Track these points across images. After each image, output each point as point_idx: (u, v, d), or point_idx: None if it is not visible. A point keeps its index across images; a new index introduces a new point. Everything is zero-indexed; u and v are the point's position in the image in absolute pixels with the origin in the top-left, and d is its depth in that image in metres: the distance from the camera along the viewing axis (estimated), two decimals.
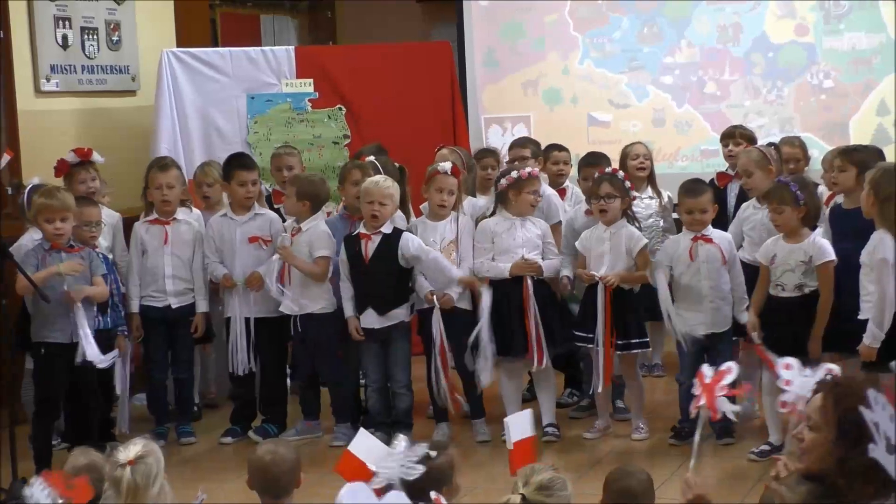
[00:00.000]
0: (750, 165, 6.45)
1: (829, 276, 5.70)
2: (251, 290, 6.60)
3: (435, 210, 6.45)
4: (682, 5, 9.63)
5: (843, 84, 9.30)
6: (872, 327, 5.27)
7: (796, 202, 5.73)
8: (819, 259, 5.71)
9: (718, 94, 9.58)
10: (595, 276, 6.15)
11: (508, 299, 6.29)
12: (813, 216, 5.83)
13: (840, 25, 9.29)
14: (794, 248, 5.77)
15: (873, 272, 5.31)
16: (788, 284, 5.78)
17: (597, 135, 9.65)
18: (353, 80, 8.60)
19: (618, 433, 6.42)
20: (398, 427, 6.38)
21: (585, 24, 9.83)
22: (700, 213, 6.10)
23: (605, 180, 6.30)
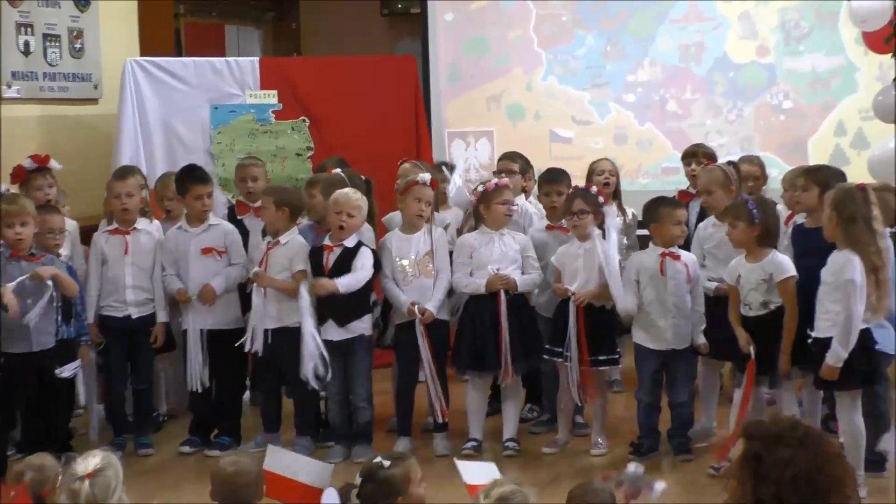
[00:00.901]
0: (711, 184, 6.50)
1: (790, 292, 5.74)
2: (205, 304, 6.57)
3: (413, 220, 6.45)
4: (645, 24, 9.71)
5: (802, 105, 9.41)
6: (837, 347, 5.30)
7: (751, 220, 5.78)
8: (779, 276, 5.75)
9: (680, 113, 9.67)
10: (569, 290, 6.18)
11: (483, 314, 6.31)
12: (770, 235, 5.85)
13: (800, 47, 9.41)
14: (755, 266, 5.81)
15: (836, 292, 5.34)
16: (754, 303, 5.82)
17: (559, 151, 9.71)
18: (318, 92, 8.60)
19: (577, 449, 6.44)
20: (358, 440, 6.39)
21: (550, 41, 9.90)
22: (686, 226, 6.18)
23: (579, 196, 6.33)
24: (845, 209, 5.31)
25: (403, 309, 6.36)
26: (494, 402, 6.67)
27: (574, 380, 6.16)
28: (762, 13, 9.47)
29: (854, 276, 5.27)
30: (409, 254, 6.40)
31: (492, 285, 6.29)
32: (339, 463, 6.26)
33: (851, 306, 5.28)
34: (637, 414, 6.26)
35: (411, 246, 6.43)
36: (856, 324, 5.29)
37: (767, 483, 2.76)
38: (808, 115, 9.42)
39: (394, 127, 8.64)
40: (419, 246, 6.43)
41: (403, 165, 7.03)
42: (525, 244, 6.48)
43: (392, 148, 8.20)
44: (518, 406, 6.59)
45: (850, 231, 5.31)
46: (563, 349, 6.19)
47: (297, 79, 8.65)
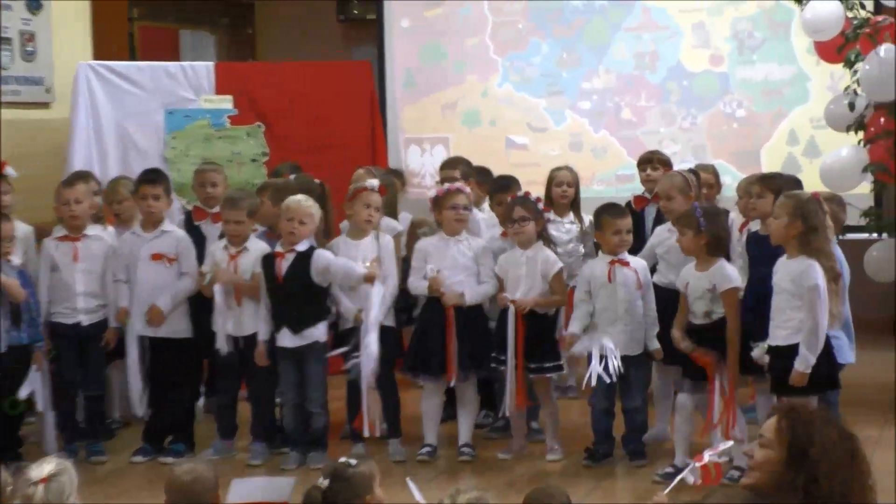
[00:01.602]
0: (672, 190, 6.53)
1: (733, 304, 5.77)
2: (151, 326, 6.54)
3: (361, 226, 6.44)
4: (600, 32, 9.77)
5: (755, 113, 9.50)
6: (806, 353, 5.31)
7: (698, 229, 5.81)
8: (722, 286, 5.77)
9: (634, 121, 9.73)
10: (507, 300, 6.19)
11: (435, 319, 6.31)
12: (718, 245, 5.88)
13: (753, 56, 9.50)
14: (702, 275, 5.84)
15: (796, 299, 5.37)
16: (698, 312, 5.86)
17: (515, 158, 9.75)
18: (273, 98, 8.58)
19: (532, 454, 6.45)
20: (313, 447, 6.37)
21: (506, 48, 9.94)
22: (626, 234, 6.18)
23: (518, 204, 6.34)
24: (809, 219, 5.34)
25: (350, 315, 6.35)
26: (450, 407, 6.67)
27: (511, 387, 6.17)
28: (716, 23, 9.56)
29: (818, 282, 5.30)
30: (356, 260, 6.40)
31: (434, 287, 6.29)
32: (293, 469, 6.26)
33: (818, 312, 5.31)
34: (591, 419, 6.28)
35: (359, 252, 6.42)
36: (822, 329, 5.33)
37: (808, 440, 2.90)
38: (761, 124, 9.51)
39: (349, 133, 8.64)
40: (367, 252, 6.42)
41: (358, 171, 7.02)
42: (480, 252, 6.48)
43: (348, 154, 8.20)
44: (473, 412, 6.59)
45: (812, 240, 5.34)
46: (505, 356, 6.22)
47: (253, 84, 8.63)
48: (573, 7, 9.84)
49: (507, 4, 9.95)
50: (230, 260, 6.46)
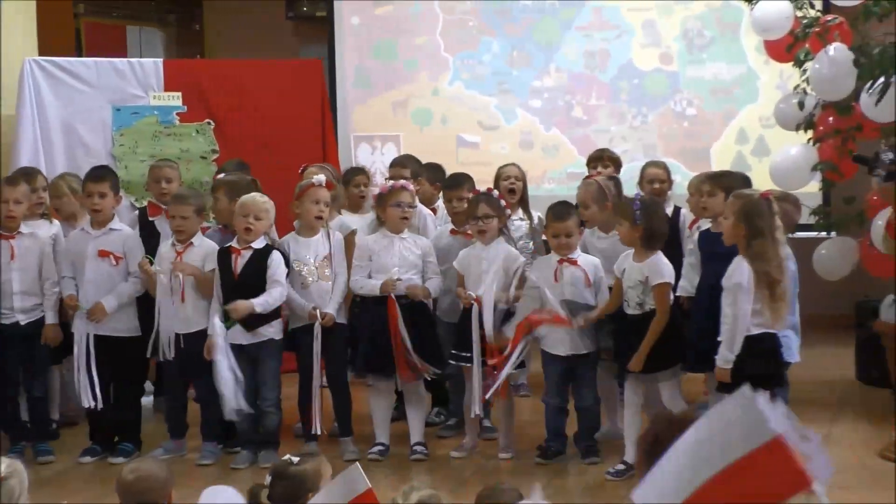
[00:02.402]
0: (587, 198, 6.54)
1: (663, 297, 5.80)
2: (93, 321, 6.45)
3: (311, 223, 6.40)
4: (551, 31, 9.79)
5: (705, 112, 9.56)
6: (723, 349, 5.37)
7: (633, 221, 5.83)
8: (654, 280, 5.80)
9: (585, 119, 9.76)
10: (471, 297, 6.18)
11: (381, 318, 6.28)
12: (654, 237, 5.89)
13: (703, 55, 9.56)
14: (637, 266, 5.86)
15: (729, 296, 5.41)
16: (631, 301, 5.88)
17: (466, 156, 9.74)
18: (223, 95, 8.51)
19: (485, 452, 6.44)
20: (265, 445, 6.32)
21: (456, 46, 9.93)
22: (565, 237, 6.16)
23: (482, 200, 6.33)
24: (753, 223, 5.36)
25: (304, 313, 6.32)
26: (402, 406, 6.64)
27: (478, 385, 6.16)
28: (665, 22, 9.60)
29: (741, 280, 5.34)
30: (307, 257, 6.36)
31: (387, 289, 6.27)
32: (245, 468, 6.21)
33: (738, 309, 5.35)
34: (544, 418, 6.28)
35: (310, 249, 6.39)
36: (741, 327, 5.35)
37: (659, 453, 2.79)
38: (711, 123, 9.57)
39: (300, 131, 8.58)
40: (318, 249, 6.39)
41: (309, 169, 6.97)
42: (426, 249, 6.47)
43: (298, 152, 8.14)
44: (423, 410, 6.58)
45: (756, 245, 5.37)
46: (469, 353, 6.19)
47: (202, 81, 8.55)
48: (523, 6, 9.85)
49: (457, 3, 9.94)
50: (177, 256, 6.40)
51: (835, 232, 7.71)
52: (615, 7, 9.68)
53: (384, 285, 6.28)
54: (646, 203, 5.95)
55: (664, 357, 5.82)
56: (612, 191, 6.59)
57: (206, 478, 6.06)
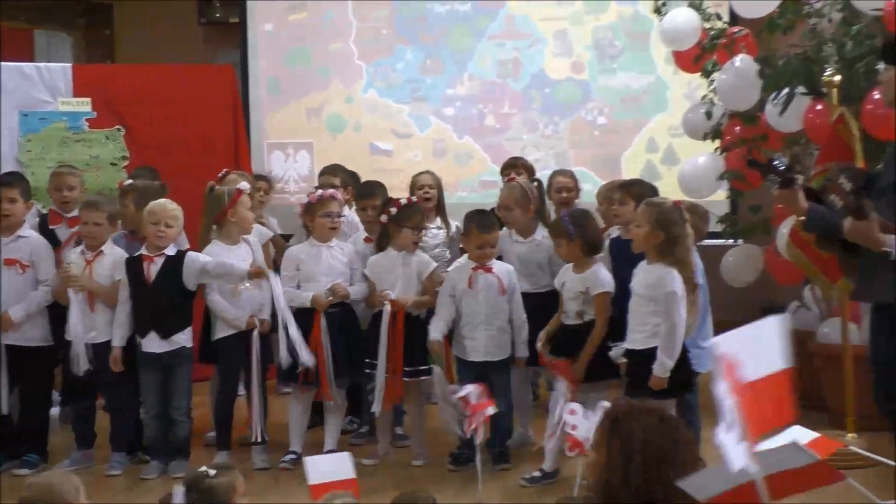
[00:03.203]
0: (510, 201, 6.60)
1: (603, 306, 5.87)
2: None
3: (247, 229, 6.40)
4: (464, 39, 9.83)
5: (615, 121, 9.67)
6: (664, 358, 5.40)
7: (569, 236, 5.89)
8: (595, 290, 5.87)
9: (498, 127, 9.81)
10: (389, 294, 6.19)
11: (306, 327, 6.26)
12: (593, 246, 5.96)
13: (613, 65, 9.67)
14: (577, 277, 5.92)
15: (651, 304, 5.46)
16: (571, 312, 5.94)
17: (379, 163, 9.74)
18: (133, 101, 8.42)
19: (397, 459, 6.44)
20: (176, 455, 6.26)
21: (370, 54, 9.93)
22: (490, 248, 6.22)
23: (420, 211, 6.44)
24: (671, 230, 5.44)
25: (240, 322, 6.27)
26: (315, 415, 6.62)
27: (380, 388, 6.17)
28: (577, 31, 9.70)
29: (675, 288, 5.40)
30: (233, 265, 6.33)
31: (317, 302, 6.25)
32: (155, 479, 6.15)
33: (675, 318, 5.40)
34: None
35: (236, 257, 6.35)
36: (680, 334, 5.43)
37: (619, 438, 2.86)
38: (621, 132, 9.68)
39: (212, 137, 8.53)
40: (244, 256, 6.37)
41: (230, 176, 6.92)
42: (353, 257, 6.48)
43: (211, 158, 8.10)
44: (340, 418, 6.56)
45: (673, 250, 5.44)
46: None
47: (112, 87, 8.45)
48: (437, 14, 9.89)
49: (371, 10, 9.94)
50: (86, 265, 6.32)
51: (742, 239, 7.85)
52: (528, 17, 9.76)
53: (315, 300, 6.26)
54: (575, 216, 6.02)
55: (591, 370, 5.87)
56: (535, 193, 6.66)
57: (114, 489, 6.00)
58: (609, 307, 5.88)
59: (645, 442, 2.85)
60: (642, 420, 2.88)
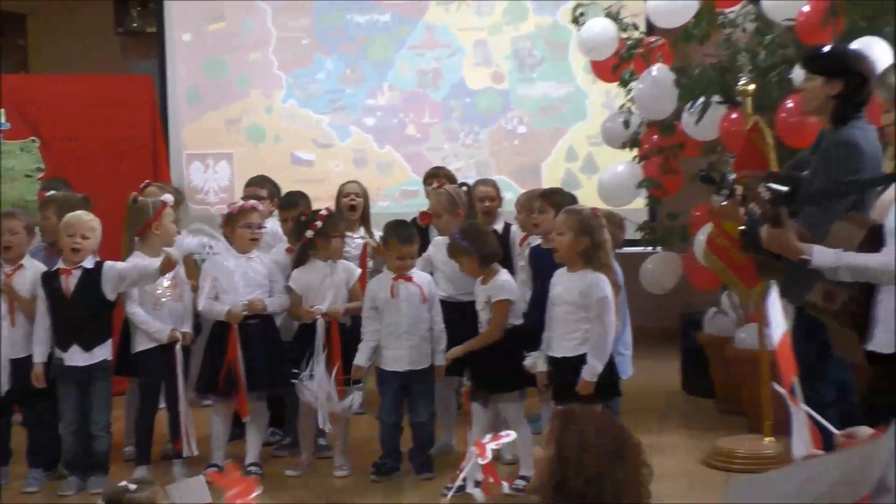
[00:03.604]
0: (438, 207, 6.63)
1: (500, 313, 5.90)
2: None
3: (168, 242, 6.33)
4: (383, 49, 9.85)
5: (535, 130, 9.73)
6: (594, 362, 5.42)
7: (467, 252, 5.93)
8: (495, 297, 5.91)
9: (419, 137, 9.83)
10: (318, 311, 6.17)
11: (223, 339, 6.22)
12: (488, 257, 5.98)
13: (533, 74, 9.73)
14: (484, 288, 5.97)
15: (581, 311, 5.49)
16: (483, 322, 5.97)
17: (300, 174, 9.71)
18: (48, 112, 8.32)
19: (320, 470, 6.42)
20: (94, 471, 6.18)
21: (290, 64, 9.91)
22: (409, 260, 6.23)
23: (342, 220, 6.43)
24: (594, 234, 5.49)
25: (161, 335, 6.20)
26: (237, 426, 6.57)
27: (323, 400, 6.15)
28: (496, 41, 9.76)
29: (606, 293, 5.45)
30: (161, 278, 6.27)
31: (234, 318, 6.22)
32: (73, 495, 6.06)
33: (608, 323, 5.45)
34: (379, 434, 6.29)
35: None
36: (611, 339, 5.48)
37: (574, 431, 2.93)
38: (541, 141, 9.75)
39: (130, 148, 8.45)
40: None
41: (150, 188, 6.85)
42: (273, 268, 6.44)
43: (129, 169, 8.01)
44: (262, 430, 6.52)
45: (598, 256, 5.50)
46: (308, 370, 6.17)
47: (26, 97, 8.34)
48: (357, 24, 9.89)
49: (291, 20, 9.92)
50: (6, 279, 6.22)
51: (660, 247, 7.94)
52: (447, 27, 9.80)
53: (230, 314, 6.22)
54: (466, 231, 6.04)
55: (507, 379, 5.90)
56: (463, 199, 6.68)
57: None
58: (506, 316, 5.92)
59: (598, 435, 2.92)
60: (595, 418, 2.98)
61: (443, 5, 9.80)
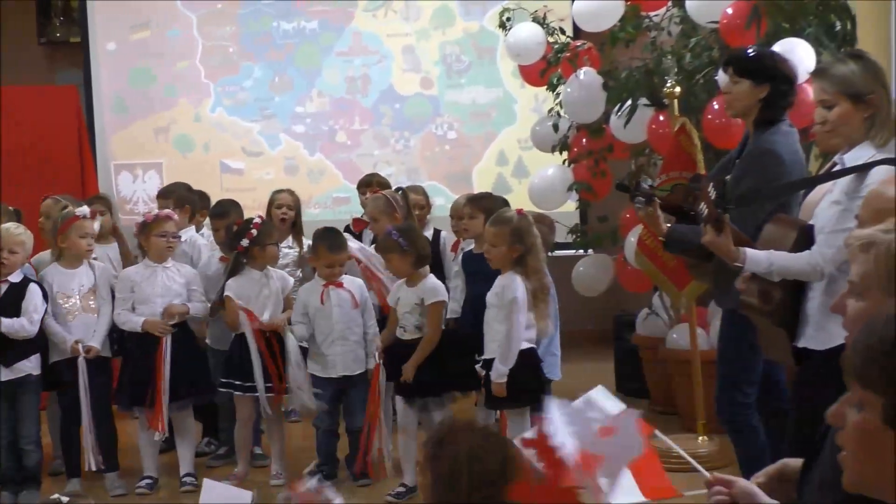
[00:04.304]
0: (376, 212, 6.63)
1: (436, 315, 5.92)
2: None
3: (82, 255, 6.24)
4: (311, 56, 9.83)
5: (465, 135, 9.77)
6: (497, 364, 5.47)
7: (401, 249, 5.92)
8: (430, 299, 5.92)
9: (349, 144, 9.83)
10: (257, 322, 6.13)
11: (145, 350, 6.16)
12: (422, 258, 6.00)
13: (461, 80, 9.77)
14: (411, 291, 5.96)
15: (500, 312, 5.54)
16: (409, 326, 5.96)
17: (230, 182, 9.66)
18: None
19: (256, 480, 6.38)
20: (26, 485, 6.09)
21: (217, 72, 9.85)
22: (339, 267, 6.22)
23: (274, 229, 6.39)
24: (526, 241, 5.52)
25: (66, 346, 6.13)
26: (171, 437, 6.51)
27: (266, 409, 6.12)
28: (424, 47, 9.78)
29: (516, 294, 5.47)
30: (71, 289, 6.19)
31: (153, 327, 6.16)
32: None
33: (513, 323, 5.48)
34: (315, 441, 6.28)
35: (74, 281, 6.22)
36: (516, 340, 5.49)
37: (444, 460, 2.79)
38: (472, 146, 9.78)
39: (56, 159, 8.34)
40: (82, 281, 6.23)
41: (45, 202, 6.77)
42: (191, 277, 6.40)
43: (55, 181, 7.90)
44: (193, 440, 6.47)
45: (530, 260, 5.52)
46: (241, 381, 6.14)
47: None
48: (284, 31, 9.86)
49: (216, 28, 9.87)
50: None
51: (591, 249, 8.00)
52: (374, 33, 9.80)
53: (147, 325, 6.17)
54: (402, 229, 6.04)
55: (431, 384, 5.91)
56: (401, 202, 6.68)
57: None
58: (442, 317, 5.94)
59: (471, 461, 2.74)
60: (468, 438, 2.78)
61: (370, 12, 9.81)
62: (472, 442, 2.77)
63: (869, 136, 3.90)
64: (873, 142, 3.88)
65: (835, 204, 3.88)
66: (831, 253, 3.84)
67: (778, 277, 3.99)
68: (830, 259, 3.85)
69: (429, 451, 2.81)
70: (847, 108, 3.92)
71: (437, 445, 2.80)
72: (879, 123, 3.89)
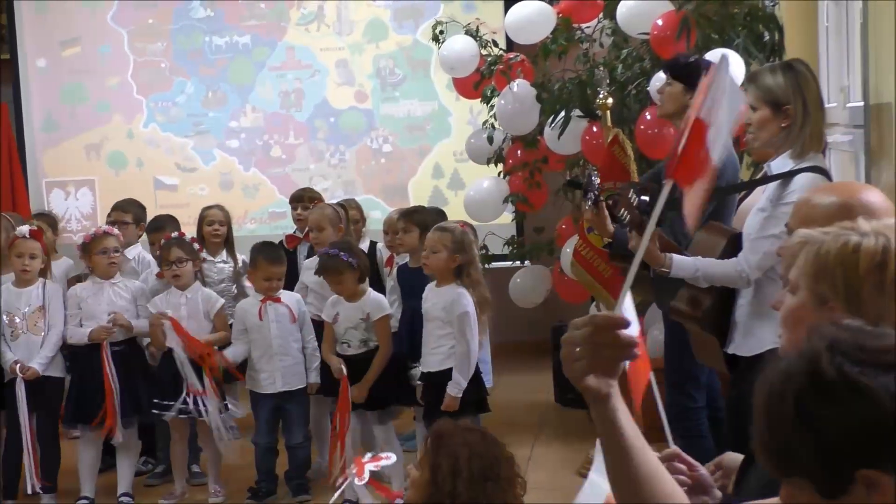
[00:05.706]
0: (323, 220, 6.62)
1: (386, 329, 5.93)
2: None
3: (19, 276, 6.17)
4: (244, 71, 9.79)
5: (400, 148, 9.77)
6: (458, 378, 5.47)
7: (351, 267, 5.92)
8: (376, 314, 5.93)
9: (284, 158, 9.79)
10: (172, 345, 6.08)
11: (90, 366, 6.09)
12: (365, 273, 6.01)
13: (396, 93, 9.78)
14: (354, 306, 5.95)
15: (447, 326, 5.54)
16: (353, 341, 5.95)
17: (164, 198, 9.59)
18: None
19: (194, 498, 6.34)
20: None
21: (149, 88, 9.78)
22: (277, 281, 6.20)
23: (174, 245, 6.27)
24: (468, 251, 5.54)
25: (6, 366, 6.06)
26: (107, 456, 6.45)
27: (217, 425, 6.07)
28: (358, 61, 9.77)
29: (468, 309, 5.50)
30: (18, 308, 6.13)
31: (97, 335, 6.10)
32: None
33: (470, 338, 5.50)
34: (254, 458, 6.24)
35: (22, 300, 6.16)
36: (475, 354, 5.52)
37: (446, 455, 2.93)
38: (407, 159, 9.79)
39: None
40: (31, 300, 6.17)
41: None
42: (138, 292, 6.35)
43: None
44: (133, 459, 6.41)
45: (471, 272, 5.55)
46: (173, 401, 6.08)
47: None
48: (216, 46, 9.81)
49: (148, 44, 9.80)
50: None
51: (528, 261, 8.03)
52: (307, 47, 9.78)
53: (93, 333, 6.10)
54: (344, 246, 6.03)
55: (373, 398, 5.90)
56: (344, 215, 6.69)
57: None
58: (390, 330, 5.94)
59: (471, 457, 2.93)
60: (467, 437, 2.97)
61: (302, 26, 9.79)
62: (471, 440, 2.94)
63: (786, 145, 3.97)
64: (790, 153, 3.95)
65: (760, 211, 3.95)
66: (756, 259, 3.90)
67: (705, 283, 4.05)
68: (756, 265, 3.91)
69: (431, 448, 2.95)
70: (766, 113, 4.01)
71: (439, 442, 2.93)
72: (794, 136, 3.96)
